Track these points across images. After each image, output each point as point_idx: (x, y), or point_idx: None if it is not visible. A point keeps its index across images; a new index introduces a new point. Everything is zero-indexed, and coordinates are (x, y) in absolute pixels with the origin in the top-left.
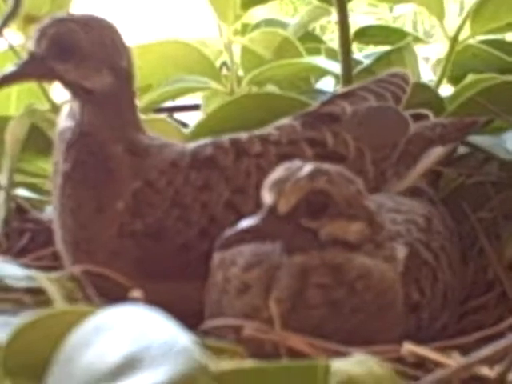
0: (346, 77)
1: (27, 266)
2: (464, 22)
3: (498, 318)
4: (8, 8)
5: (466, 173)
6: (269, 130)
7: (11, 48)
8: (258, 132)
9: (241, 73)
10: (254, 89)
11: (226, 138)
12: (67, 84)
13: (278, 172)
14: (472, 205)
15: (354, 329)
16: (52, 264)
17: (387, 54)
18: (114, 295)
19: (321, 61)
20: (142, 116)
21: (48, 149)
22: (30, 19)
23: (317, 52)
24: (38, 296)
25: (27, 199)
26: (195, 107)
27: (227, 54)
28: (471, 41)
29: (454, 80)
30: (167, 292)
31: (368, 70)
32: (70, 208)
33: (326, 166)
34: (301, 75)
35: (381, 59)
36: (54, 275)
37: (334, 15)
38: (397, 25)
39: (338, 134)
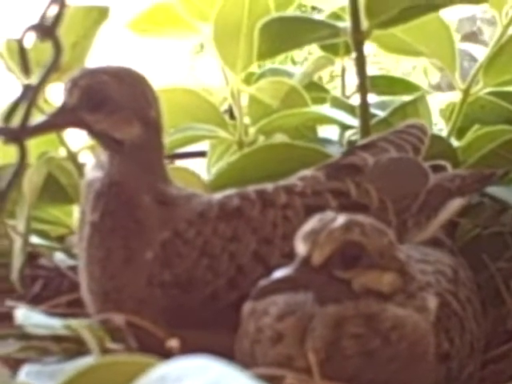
0: (364, 128)
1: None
2: (476, 74)
3: None
4: (49, 58)
5: (483, 223)
6: (293, 180)
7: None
8: (282, 183)
9: (246, 120)
10: (261, 138)
11: (251, 188)
12: (97, 135)
13: (312, 223)
14: (489, 255)
15: (388, 379)
16: (69, 311)
17: (403, 105)
18: (143, 344)
19: (328, 110)
20: None
21: (61, 196)
22: None
23: (321, 101)
24: (61, 344)
25: (37, 246)
26: (195, 154)
27: (233, 102)
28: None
29: (459, 130)
30: (195, 341)
31: (385, 121)
32: (99, 258)
33: (359, 217)
34: (307, 124)
35: (397, 111)
36: (84, 323)
37: (337, 65)
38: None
39: (361, 184)
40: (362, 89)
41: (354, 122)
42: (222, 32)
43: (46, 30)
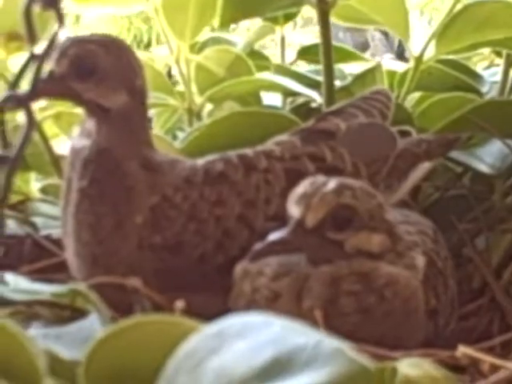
0: (329, 95)
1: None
2: (429, 42)
3: (489, 323)
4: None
5: (444, 186)
6: (269, 145)
7: None
8: (260, 148)
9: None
10: (209, 105)
11: (232, 153)
12: (85, 103)
13: (304, 186)
14: (452, 216)
15: (383, 335)
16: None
17: (363, 74)
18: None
19: (276, 77)
20: None
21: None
22: (13, 37)
23: (263, 68)
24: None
25: None
26: None
27: (179, 70)
28: None
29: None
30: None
31: (346, 89)
32: (88, 223)
33: (349, 180)
34: (253, 91)
35: (357, 79)
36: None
37: (277, 33)
38: None
39: (335, 149)
40: (327, 58)
41: (301, 88)
42: (171, 1)
43: (50, 0)
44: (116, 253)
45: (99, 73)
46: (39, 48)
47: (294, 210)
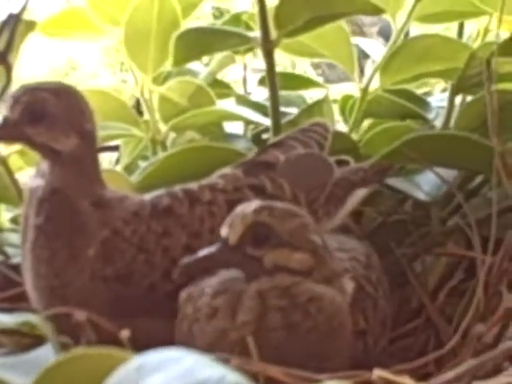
0: (276, 129)
1: None
2: (373, 75)
3: (425, 342)
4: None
5: (385, 212)
6: (214, 178)
7: None
8: (205, 181)
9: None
10: (172, 134)
11: (178, 188)
12: (38, 146)
13: (235, 210)
14: (393, 241)
15: (308, 351)
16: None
17: (310, 106)
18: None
19: (235, 108)
20: None
21: None
22: None
23: (225, 96)
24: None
25: None
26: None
27: (144, 101)
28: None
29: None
30: (135, 329)
31: (293, 121)
32: (45, 258)
33: (274, 202)
34: (215, 121)
35: (304, 111)
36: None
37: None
38: None
39: (275, 179)
40: (273, 93)
41: (259, 118)
42: (133, 36)
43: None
44: (71, 284)
45: (50, 118)
46: None
47: (223, 230)
